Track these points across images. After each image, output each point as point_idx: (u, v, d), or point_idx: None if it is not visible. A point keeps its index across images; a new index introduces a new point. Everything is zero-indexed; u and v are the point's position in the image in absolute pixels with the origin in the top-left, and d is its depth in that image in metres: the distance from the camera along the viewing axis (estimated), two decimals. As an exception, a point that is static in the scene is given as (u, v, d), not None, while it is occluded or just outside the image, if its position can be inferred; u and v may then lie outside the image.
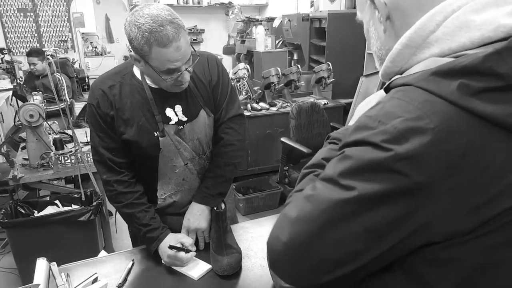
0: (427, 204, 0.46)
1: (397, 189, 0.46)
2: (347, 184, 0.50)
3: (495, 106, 0.43)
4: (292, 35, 5.07)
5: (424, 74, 0.46)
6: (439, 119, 0.44)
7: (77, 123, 3.74)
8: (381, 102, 0.51)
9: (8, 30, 6.00)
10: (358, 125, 0.51)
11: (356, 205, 0.49)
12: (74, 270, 1.31)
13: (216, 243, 1.32)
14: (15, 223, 2.19)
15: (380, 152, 0.46)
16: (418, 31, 0.51)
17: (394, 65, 0.54)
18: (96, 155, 1.32)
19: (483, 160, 0.44)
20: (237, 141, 1.41)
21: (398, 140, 0.45)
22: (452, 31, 0.48)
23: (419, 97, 0.46)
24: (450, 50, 0.48)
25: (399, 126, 0.46)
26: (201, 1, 6.96)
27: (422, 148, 0.44)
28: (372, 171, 0.47)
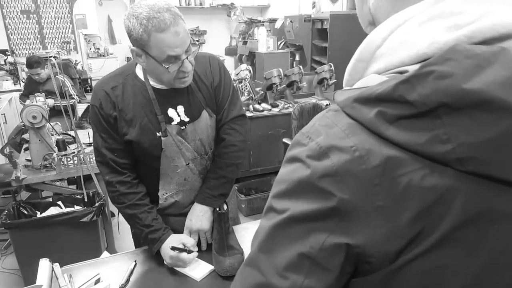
0: (357, 224, 0.44)
1: (324, 207, 0.45)
2: (281, 207, 0.49)
3: (409, 134, 0.42)
4: (294, 36, 5.07)
5: (349, 100, 0.46)
6: (359, 140, 0.44)
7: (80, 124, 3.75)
8: (315, 119, 0.51)
9: (11, 32, 6.03)
10: (293, 141, 0.51)
11: (289, 228, 0.48)
12: (77, 271, 1.32)
13: (218, 244, 1.32)
14: (17, 224, 2.20)
15: (305, 169, 0.47)
16: (367, 45, 0.51)
17: (352, 78, 0.54)
18: (98, 156, 1.33)
19: (403, 179, 0.43)
20: (239, 142, 1.41)
21: (319, 157, 0.46)
22: (395, 46, 0.48)
23: (344, 120, 0.47)
24: (393, 65, 0.47)
25: (322, 143, 0.46)
26: (203, 2, 6.98)
27: (342, 165, 0.44)
28: (301, 189, 0.47)
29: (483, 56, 0.41)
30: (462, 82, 0.40)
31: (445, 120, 0.41)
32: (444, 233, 0.42)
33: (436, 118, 0.41)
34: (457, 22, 0.45)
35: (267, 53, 4.78)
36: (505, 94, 0.39)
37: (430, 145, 0.41)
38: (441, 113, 0.41)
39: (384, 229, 0.44)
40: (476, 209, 0.42)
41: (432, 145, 0.41)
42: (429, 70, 0.41)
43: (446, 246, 0.43)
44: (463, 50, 0.41)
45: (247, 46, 5.62)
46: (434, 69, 0.41)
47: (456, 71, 0.40)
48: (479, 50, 0.41)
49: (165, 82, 1.25)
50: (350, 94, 0.47)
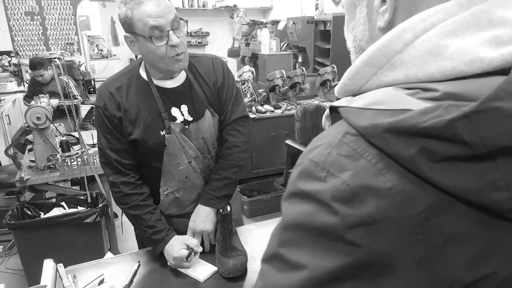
0: (393, 279, 0.38)
1: (355, 263, 0.38)
2: (295, 261, 0.41)
3: (459, 178, 0.36)
4: (296, 38, 5.07)
5: (377, 129, 0.38)
6: (397, 180, 0.37)
7: (83, 125, 3.77)
8: (327, 145, 0.42)
9: (15, 33, 6.06)
10: (302, 170, 0.42)
11: (316, 287, 0.39)
12: (81, 271, 1.32)
13: (222, 245, 1.32)
14: (21, 225, 2.21)
15: (331, 215, 0.38)
16: (382, 48, 0.43)
17: (353, 83, 0.46)
18: (103, 156, 1.33)
19: (446, 231, 0.37)
20: (241, 142, 1.42)
21: (350, 201, 0.38)
22: (421, 55, 0.40)
23: (370, 150, 0.39)
24: (416, 78, 0.40)
25: (351, 183, 0.38)
26: (206, 4, 7.00)
27: (381, 211, 0.37)
28: (325, 240, 0.39)
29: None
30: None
31: (500, 164, 0.35)
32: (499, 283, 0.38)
33: (490, 161, 0.35)
34: (498, 34, 0.39)
35: (269, 54, 4.78)
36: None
37: (484, 192, 0.35)
38: (497, 156, 0.35)
39: (425, 283, 0.38)
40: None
41: (486, 192, 0.35)
42: (494, 106, 0.34)
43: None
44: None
45: (250, 47, 5.63)
46: (500, 105, 0.34)
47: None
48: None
49: (161, 67, 1.25)
50: (374, 119, 0.39)
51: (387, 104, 0.40)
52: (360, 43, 0.52)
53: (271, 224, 1.60)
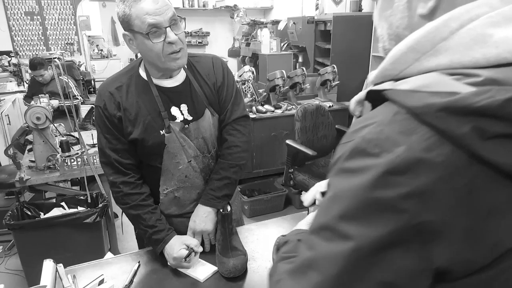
0: (441, 246, 0.42)
1: (406, 231, 0.41)
2: (346, 231, 0.44)
3: (505, 155, 0.39)
4: (297, 38, 5.07)
5: (432, 108, 0.41)
6: (447, 155, 0.41)
7: (83, 125, 3.77)
8: (378, 123, 0.45)
9: (15, 33, 6.06)
10: (353, 148, 0.45)
11: (368, 257, 0.43)
12: (81, 271, 1.32)
13: (222, 245, 1.32)
14: (21, 225, 2.21)
15: (385, 187, 0.42)
16: (428, 35, 0.46)
17: (394, 68, 0.48)
18: (103, 156, 1.33)
19: (488, 202, 0.41)
20: (242, 142, 1.41)
21: (404, 173, 0.41)
22: (466, 43, 0.43)
23: (421, 127, 0.42)
24: (460, 64, 0.43)
25: (405, 156, 0.41)
26: (207, 4, 7.00)
27: (431, 183, 0.40)
28: (380, 211, 0.42)
29: None
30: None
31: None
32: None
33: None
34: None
35: (270, 54, 4.78)
36: None
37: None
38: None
39: (469, 249, 0.42)
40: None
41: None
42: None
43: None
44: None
45: (250, 47, 5.63)
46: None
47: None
48: None
49: (159, 64, 1.24)
50: (427, 99, 0.42)
51: (435, 88, 0.43)
52: (396, 30, 0.55)
53: (272, 224, 1.60)
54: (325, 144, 3.23)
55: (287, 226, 1.56)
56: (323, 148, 3.22)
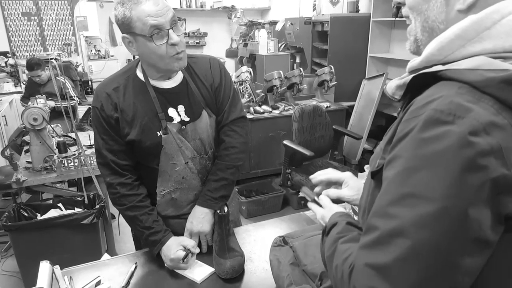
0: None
1: (487, 185, 0.47)
2: (432, 196, 0.48)
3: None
4: (294, 39, 5.07)
5: (494, 81, 0.49)
6: (510, 117, 0.48)
7: (81, 126, 3.76)
8: (445, 96, 0.51)
9: (12, 34, 6.04)
10: (426, 119, 0.50)
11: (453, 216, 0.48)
12: (77, 273, 1.31)
13: (219, 246, 1.32)
14: (18, 226, 2.20)
15: (464, 147, 0.47)
16: (474, 25, 0.53)
17: (440, 54, 0.56)
18: (99, 157, 1.33)
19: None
20: (239, 143, 1.41)
21: (481, 134, 0.47)
22: (507, 30, 0.51)
23: (485, 97, 0.49)
24: (503, 48, 0.51)
25: (480, 119, 0.48)
26: (204, 5, 6.99)
27: (504, 140, 0.47)
28: (462, 170, 0.47)
29: None
30: None
31: None
32: None
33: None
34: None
35: (267, 55, 4.79)
36: None
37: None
38: None
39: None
40: None
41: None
42: None
43: None
44: None
45: (248, 48, 5.64)
46: None
47: None
48: None
49: (161, 66, 1.24)
50: (488, 74, 0.49)
51: (489, 67, 0.50)
52: (433, 23, 0.61)
53: (269, 225, 1.60)
54: (323, 145, 3.24)
55: (285, 227, 1.56)
56: (321, 148, 3.22)
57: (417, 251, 0.48)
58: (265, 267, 1.31)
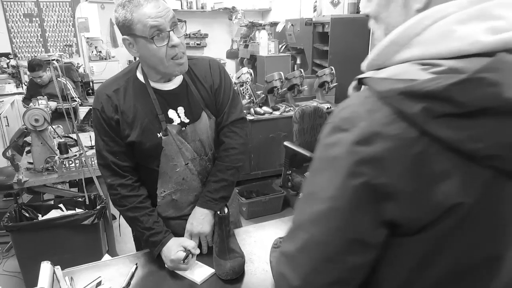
0: (393, 204, 0.50)
1: (366, 191, 0.50)
2: (325, 196, 0.53)
3: (450, 131, 0.47)
4: (295, 40, 5.08)
5: (394, 92, 0.49)
6: (401, 128, 0.49)
7: (82, 127, 3.76)
8: (352, 105, 0.54)
9: (14, 35, 6.06)
10: (333, 126, 0.55)
11: (338, 217, 0.52)
12: (78, 273, 1.32)
13: (219, 247, 1.32)
14: (19, 227, 2.21)
15: (350, 154, 0.51)
16: (407, 30, 0.53)
17: (378, 59, 0.56)
18: (100, 159, 1.33)
19: (434, 169, 0.49)
20: (239, 144, 1.42)
21: (364, 143, 0.50)
22: (435, 37, 0.51)
23: (385, 107, 0.50)
24: (429, 55, 0.51)
25: (366, 129, 0.50)
26: (205, 6, 7.00)
27: (385, 151, 0.49)
28: (344, 175, 0.51)
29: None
30: (505, 92, 0.45)
31: (483, 122, 0.46)
32: (465, 212, 0.50)
33: (474, 119, 0.46)
34: (495, 25, 0.49)
35: (268, 56, 4.79)
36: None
37: (464, 142, 0.47)
38: (480, 115, 0.46)
39: (417, 209, 0.50)
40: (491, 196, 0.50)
41: (466, 142, 0.47)
42: (481, 76, 0.46)
43: (463, 222, 0.50)
44: (509, 61, 0.47)
45: (249, 49, 5.64)
46: (486, 76, 0.45)
47: (502, 80, 0.45)
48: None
49: (161, 69, 1.25)
50: (393, 85, 0.50)
51: (403, 76, 0.51)
52: (393, 29, 0.60)
53: (269, 226, 1.60)
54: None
55: (285, 228, 1.56)
56: (321, 149, 3.22)
57: (311, 244, 0.55)
58: (265, 268, 1.31)
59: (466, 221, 0.50)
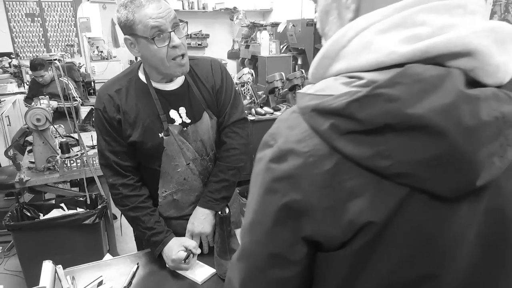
0: (309, 221, 0.49)
1: (282, 207, 0.50)
2: (252, 209, 0.55)
3: (355, 148, 0.46)
4: (296, 40, 5.08)
5: (308, 108, 0.49)
6: (313, 146, 0.48)
7: (83, 127, 3.77)
8: (279, 120, 0.55)
9: (16, 35, 6.07)
10: (262, 141, 0.55)
11: (258, 231, 0.54)
12: (79, 273, 1.32)
13: (220, 247, 1.32)
14: (20, 226, 2.21)
15: (267, 171, 0.51)
16: (333, 43, 0.52)
17: (317, 72, 0.55)
18: (102, 158, 1.34)
19: (347, 186, 0.47)
20: (240, 145, 1.42)
21: (278, 160, 0.50)
22: (356, 49, 0.49)
23: (303, 124, 0.50)
24: (353, 68, 0.49)
25: (281, 147, 0.50)
26: (206, 6, 7.01)
27: (297, 168, 0.48)
28: (263, 191, 0.52)
29: (430, 80, 0.44)
30: (407, 107, 0.43)
31: (388, 138, 0.45)
32: (378, 230, 0.48)
33: (380, 136, 0.45)
34: (417, 33, 0.46)
35: (269, 57, 4.79)
36: (442, 121, 0.43)
37: (374, 160, 0.45)
38: (385, 132, 0.44)
39: (331, 226, 0.49)
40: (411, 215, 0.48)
41: (375, 160, 0.45)
42: (379, 92, 0.44)
43: (381, 242, 0.49)
44: (413, 74, 0.44)
45: (250, 49, 5.64)
46: (384, 92, 0.44)
47: (403, 95, 0.43)
48: (427, 74, 0.44)
49: (162, 69, 1.25)
50: (309, 101, 0.50)
51: (324, 91, 0.50)
52: None
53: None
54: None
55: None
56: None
57: (243, 253, 0.58)
58: (265, 268, 1.32)
59: (382, 240, 0.49)
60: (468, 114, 0.43)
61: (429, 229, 0.49)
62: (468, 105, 0.43)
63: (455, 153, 0.44)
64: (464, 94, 0.44)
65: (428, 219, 0.48)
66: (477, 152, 0.44)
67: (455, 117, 0.43)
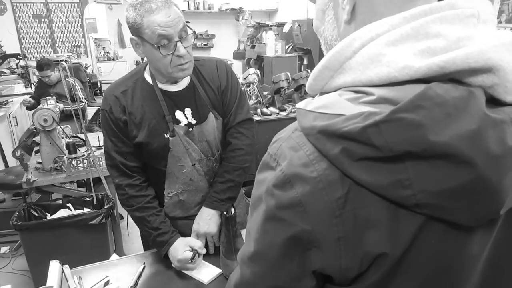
0: (318, 253, 0.46)
1: (288, 238, 0.46)
2: (253, 237, 0.51)
3: (372, 175, 0.42)
4: (302, 40, 5.08)
5: (314, 130, 0.45)
6: (322, 171, 0.44)
7: (90, 127, 3.79)
8: (280, 139, 0.50)
9: (23, 36, 6.12)
10: (262, 162, 0.51)
11: (260, 262, 0.50)
12: (86, 273, 1.33)
13: (226, 247, 1.32)
14: (28, 226, 2.23)
15: (270, 197, 0.47)
16: (336, 54, 0.47)
17: (316, 84, 0.51)
18: (108, 159, 1.35)
19: (361, 215, 0.44)
20: (245, 145, 1.42)
21: (283, 186, 0.46)
22: (364, 62, 0.45)
23: (308, 144, 0.46)
24: (360, 82, 0.45)
25: (286, 171, 0.46)
26: (212, 7, 7.02)
27: (305, 196, 0.44)
28: (266, 219, 0.48)
29: (452, 103, 0.40)
30: (430, 134, 0.39)
31: (409, 166, 0.41)
32: (394, 263, 0.45)
33: (400, 163, 0.41)
34: (431, 45, 0.43)
35: (275, 57, 4.79)
36: (468, 149, 0.39)
37: (392, 189, 0.42)
38: (405, 159, 0.41)
39: (343, 259, 0.45)
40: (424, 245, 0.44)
41: (394, 189, 0.42)
42: (399, 117, 0.40)
43: (397, 274, 0.45)
44: (434, 96, 0.40)
45: (255, 50, 5.65)
46: (404, 116, 0.40)
47: (425, 121, 0.40)
48: (449, 96, 0.40)
49: (164, 73, 1.26)
50: (314, 121, 0.45)
51: (329, 108, 0.45)
52: (330, 43, 0.57)
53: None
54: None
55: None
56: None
57: (241, 283, 0.54)
58: (271, 268, 1.31)
59: (397, 273, 0.45)
60: (494, 141, 0.40)
61: (445, 259, 0.46)
62: (494, 130, 0.40)
63: (481, 182, 0.40)
64: (490, 119, 0.40)
65: (445, 249, 0.46)
66: (503, 180, 0.41)
67: (482, 145, 0.39)
